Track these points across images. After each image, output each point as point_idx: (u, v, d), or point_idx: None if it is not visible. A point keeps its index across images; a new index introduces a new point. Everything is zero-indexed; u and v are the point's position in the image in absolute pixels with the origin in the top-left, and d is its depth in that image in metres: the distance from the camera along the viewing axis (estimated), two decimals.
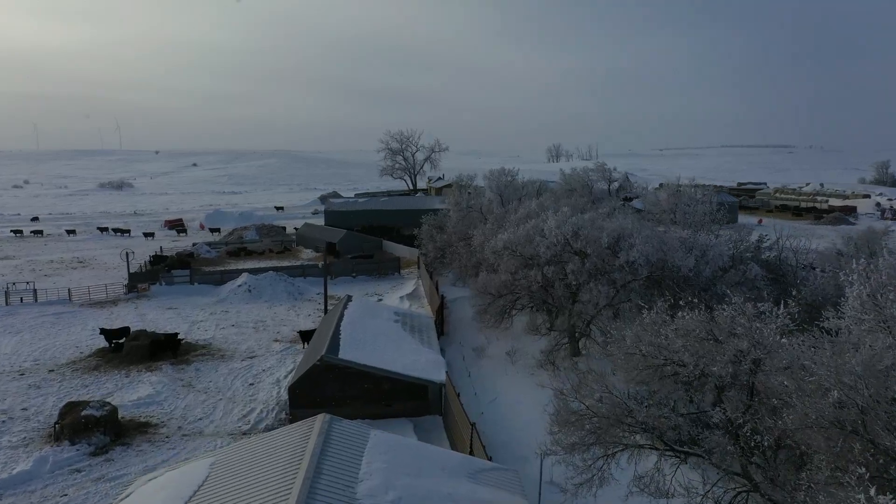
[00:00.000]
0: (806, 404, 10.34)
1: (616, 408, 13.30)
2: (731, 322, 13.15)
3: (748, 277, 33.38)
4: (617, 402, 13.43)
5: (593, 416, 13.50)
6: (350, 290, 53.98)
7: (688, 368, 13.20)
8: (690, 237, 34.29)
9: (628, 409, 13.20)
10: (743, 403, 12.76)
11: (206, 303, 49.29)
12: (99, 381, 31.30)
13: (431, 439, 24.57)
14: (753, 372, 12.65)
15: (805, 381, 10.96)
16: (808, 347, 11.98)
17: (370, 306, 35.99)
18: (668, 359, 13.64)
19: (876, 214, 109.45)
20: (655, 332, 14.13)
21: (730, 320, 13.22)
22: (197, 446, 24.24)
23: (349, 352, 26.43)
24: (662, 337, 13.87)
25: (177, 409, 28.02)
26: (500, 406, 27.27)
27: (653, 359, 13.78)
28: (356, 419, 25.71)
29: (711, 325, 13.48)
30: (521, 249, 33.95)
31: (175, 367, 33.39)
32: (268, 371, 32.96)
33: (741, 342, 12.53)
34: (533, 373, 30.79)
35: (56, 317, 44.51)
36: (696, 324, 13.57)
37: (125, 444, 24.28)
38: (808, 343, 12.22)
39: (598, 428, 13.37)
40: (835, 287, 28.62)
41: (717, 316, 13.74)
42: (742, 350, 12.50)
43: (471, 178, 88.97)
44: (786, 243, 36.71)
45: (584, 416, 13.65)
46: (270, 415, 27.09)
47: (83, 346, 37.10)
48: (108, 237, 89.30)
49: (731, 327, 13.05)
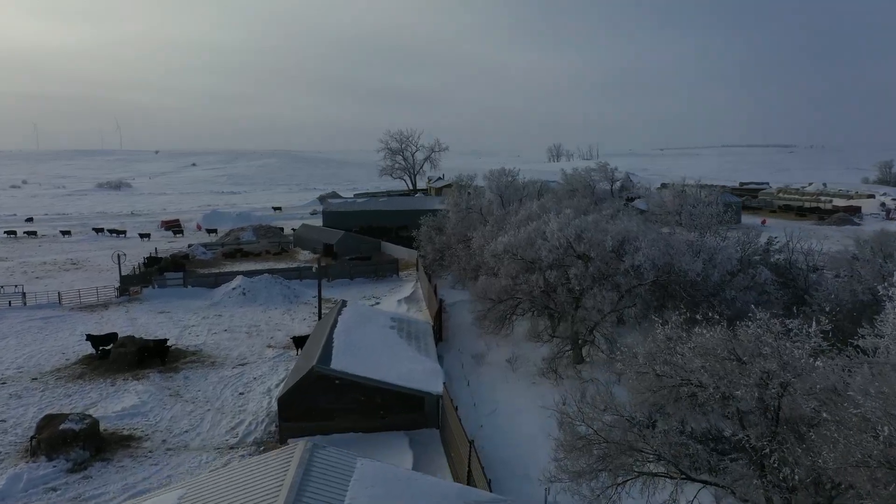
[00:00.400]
0: (849, 440, 9.13)
1: (627, 433, 12.08)
2: (757, 341, 11.91)
3: (757, 282, 32.18)
4: (627, 425, 12.21)
5: (602, 442, 12.29)
6: (347, 292, 52.80)
7: (707, 391, 11.98)
8: (698, 240, 33.05)
9: (641, 433, 11.98)
10: (769, 430, 11.54)
11: (199, 306, 48.07)
12: (83, 391, 30.07)
13: (428, 454, 23.38)
14: (780, 395, 11.42)
15: (845, 409, 9.73)
16: (843, 369, 10.74)
17: (365, 312, 34.77)
18: (684, 379, 12.42)
19: (881, 215, 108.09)
20: (670, 350, 12.92)
21: (755, 339, 11.98)
22: (181, 461, 23.03)
23: (342, 361, 25.19)
24: (678, 355, 12.63)
25: (162, 420, 26.79)
26: (500, 417, 26.04)
27: (668, 379, 12.57)
28: (349, 432, 24.67)
29: (734, 344, 12.22)
30: (522, 253, 32.74)
31: (163, 375, 32.17)
32: (259, 379, 31.74)
33: (769, 363, 11.29)
34: (534, 381, 29.59)
35: (44, 321, 43.30)
36: (717, 342, 12.32)
37: (105, 460, 23.05)
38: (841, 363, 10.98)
39: (607, 454, 12.17)
40: (850, 293, 27.41)
41: (739, 333, 12.48)
42: (769, 372, 11.25)
43: (471, 179, 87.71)
44: (796, 246, 35.49)
45: (592, 442, 12.44)
46: (260, 427, 25.88)
47: (69, 353, 35.87)
48: (103, 238, 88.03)
49: (756, 346, 11.81)
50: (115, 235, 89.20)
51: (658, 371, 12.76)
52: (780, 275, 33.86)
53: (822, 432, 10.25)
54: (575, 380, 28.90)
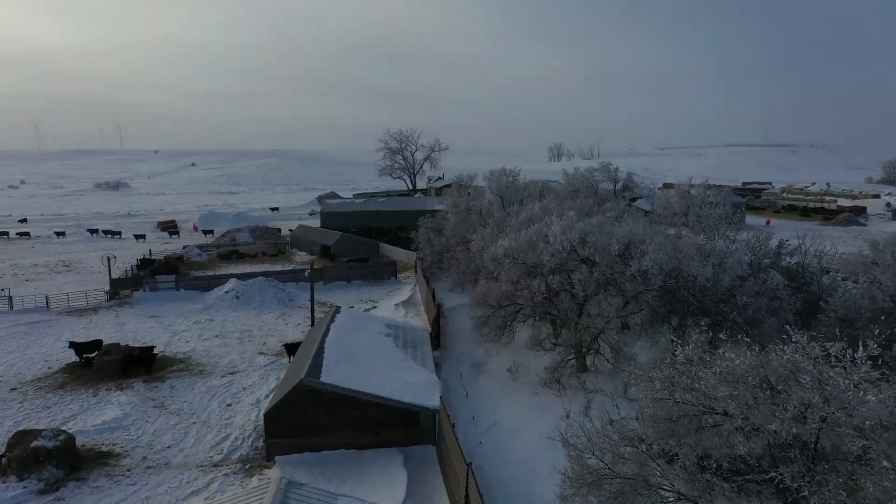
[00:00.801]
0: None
1: (643, 466, 10.70)
2: (794, 368, 10.49)
3: (769, 287, 30.74)
4: (643, 458, 10.81)
5: (615, 477, 10.92)
6: (344, 295, 51.47)
7: (734, 421, 10.58)
8: (707, 243, 31.60)
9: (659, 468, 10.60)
10: (806, 468, 10.15)
11: (191, 310, 46.76)
12: (63, 402, 28.69)
13: (423, 472, 22.00)
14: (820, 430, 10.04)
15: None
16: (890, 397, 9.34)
17: (359, 318, 33.35)
18: (708, 407, 11.03)
19: (887, 215, 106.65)
20: (692, 375, 11.50)
21: (791, 365, 10.56)
22: (161, 481, 21.65)
23: (333, 373, 23.79)
24: (701, 381, 11.22)
25: (144, 434, 25.41)
26: (500, 432, 24.59)
27: (689, 406, 11.17)
28: (340, 449, 23.26)
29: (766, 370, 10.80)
30: (523, 257, 31.30)
31: (148, 384, 30.80)
32: (248, 389, 30.37)
33: (810, 395, 9.88)
34: (536, 391, 28.18)
35: (30, 326, 41.96)
36: (748, 368, 10.90)
37: (80, 479, 21.65)
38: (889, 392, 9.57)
39: (621, 492, 10.79)
40: (870, 300, 25.99)
41: (773, 358, 11.05)
42: (810, 404, 9.85)
43: (471, 179, 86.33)
44: (809, 248, 34.03)
45: (604, 477, 11.06)
46: (246, 442, 24.49)
47: (52, 361, 34.50)
48: (97, 239, 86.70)
49: (792, 373, 10.40)
50: (109, 236, 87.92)
51: (679, 398, 11.36)
52: (791, 279, 32.43)
53: (869, 473, 8.87)
54: (579, 390, 27.51)
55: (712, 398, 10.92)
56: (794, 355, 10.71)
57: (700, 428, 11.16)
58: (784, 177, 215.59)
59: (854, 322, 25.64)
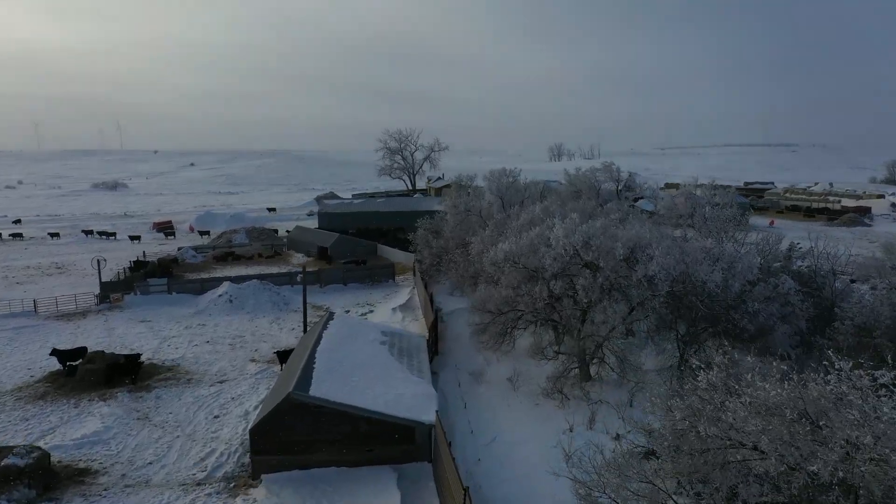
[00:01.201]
0: None
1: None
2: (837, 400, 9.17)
3: (780, 292, 29.44)
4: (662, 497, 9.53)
5: None
6: (341, 298, 50.19)
7: (768, 459, 9.28)
8: (715, 247, 30.27)
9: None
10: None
11: (183, 314, 45.49)
12: (42, 414, 27.40)
13: (418, 491, 20.73)
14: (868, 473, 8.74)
15: None
16: None
17: (353, 325, 32.03)
18: (735, 441, 9.74)
19: (892, 215, 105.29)
20: (717, 405, 10.20)
21: (835, 397, 9.24)
22: (139, 501, 20.37)
23: (323, 386, 22.49)
24: (729, 412, 9.92)
25: (125, 449, 24.13)
26: (500, 447, 23.29)
27: (715, 440, 9.88)
28: (331, 466, 21.94)
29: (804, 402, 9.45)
30: (524, 261, 30.01)
31: (133, 395, 29.52)
32: (237, 399, 29.10)
33: (860, 433, 8.57)
34: (538, 402, 26.93)
35: (15, 332, 40.67)
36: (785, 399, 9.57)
37: (53, 500, 20.40)
38: None
39: None
40: (890, 307, 24.68)
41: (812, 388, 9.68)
42: (857, 445, 8.55)
43: (471, 179, 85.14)
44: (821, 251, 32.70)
45: None
46: (232, 458, 23.20)
47: (36, 369, 33.22)
48: (92, 240, 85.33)
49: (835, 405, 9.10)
50: (104, 238, 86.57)
51: (703, 431, 10.06)
52: (803, 283, 31.12)
53: None
54: (582, 401, 26.26)
55: (741, 431, 9.61)
56: (840, 385, 9.37)
57: (726, 464, 9.87)
58: (785, 177, 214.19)
59: (873, 330, 24.39)
